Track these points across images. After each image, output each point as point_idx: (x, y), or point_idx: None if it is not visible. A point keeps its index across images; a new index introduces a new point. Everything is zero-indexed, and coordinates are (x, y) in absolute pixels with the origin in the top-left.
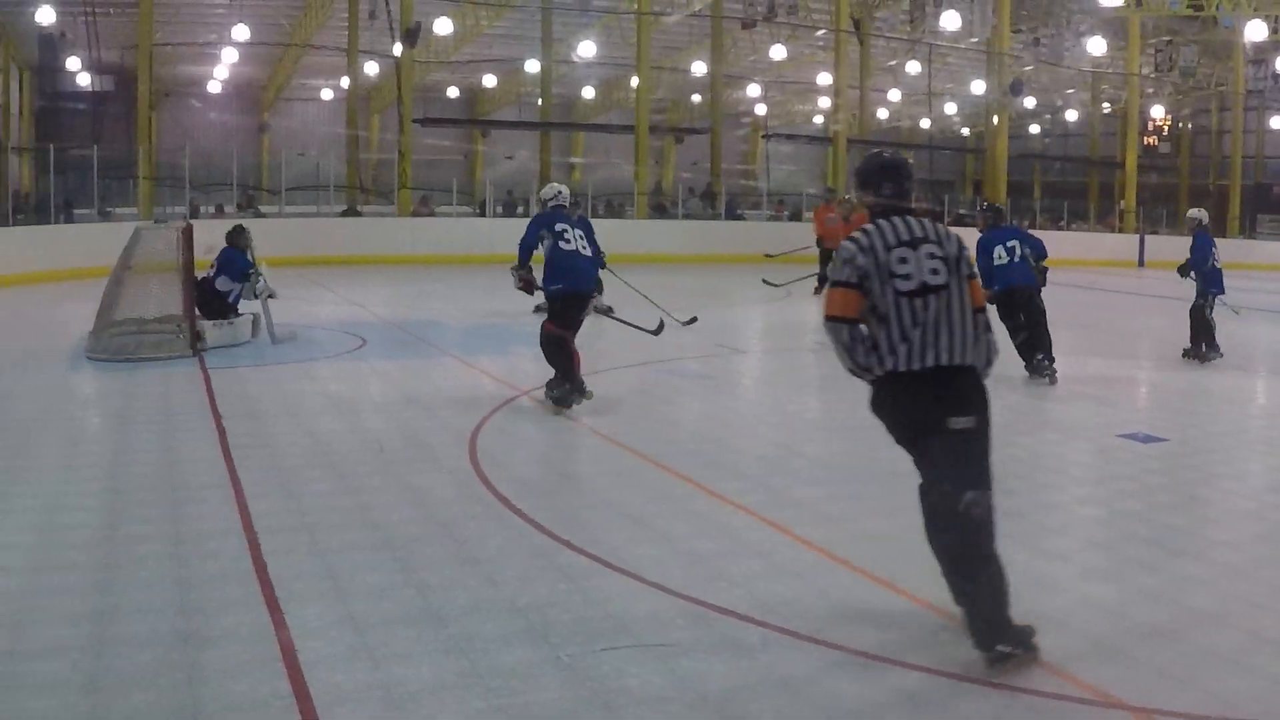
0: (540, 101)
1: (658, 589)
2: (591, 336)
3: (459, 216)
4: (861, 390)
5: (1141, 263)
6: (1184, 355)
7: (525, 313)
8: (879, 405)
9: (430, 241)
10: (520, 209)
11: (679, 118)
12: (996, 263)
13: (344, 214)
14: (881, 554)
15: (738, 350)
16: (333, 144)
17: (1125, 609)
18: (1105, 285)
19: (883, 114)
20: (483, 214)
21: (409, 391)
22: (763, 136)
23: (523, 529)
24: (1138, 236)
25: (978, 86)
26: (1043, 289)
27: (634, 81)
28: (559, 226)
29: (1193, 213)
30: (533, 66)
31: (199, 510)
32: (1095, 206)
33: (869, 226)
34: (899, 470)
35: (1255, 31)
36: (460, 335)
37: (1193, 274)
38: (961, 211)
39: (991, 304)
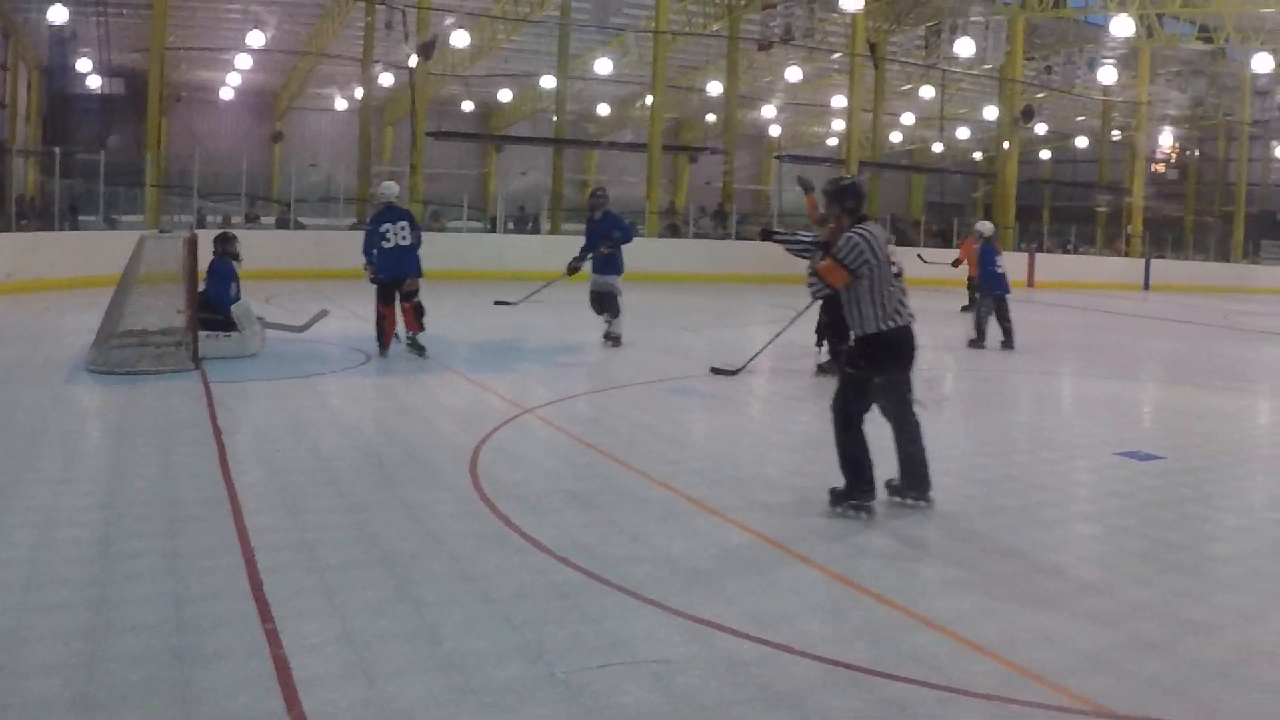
0: (555, 118)
1: (655, 606)
2: (603, 356)
3: (470, 232)
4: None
5: (1147, 286)
6: (969, 345)
7: (532, 328)
8: (877, 350)
9: (440, 257)
10: (531, 225)
11: (693, 137)
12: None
13: (353, 227)
14: (878, 571)
15: (745, 369)
16: (344, 155)
17: (1119, 622)
18: (1111, 308)
19: (895, 137)
20: (494, 229)
21: (412, 408)
22: (776, 158)
23: (521, 546)
24: (1143, 261)
25: (990, 112)
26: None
27: (649, 100)
28: (383, 227)
29: (980, 226)
30: (548, 82)
31: (196, 526)
32: (1102, 231)
33: (865, 229)
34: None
35: (1261, 64)
36: (466, 352)
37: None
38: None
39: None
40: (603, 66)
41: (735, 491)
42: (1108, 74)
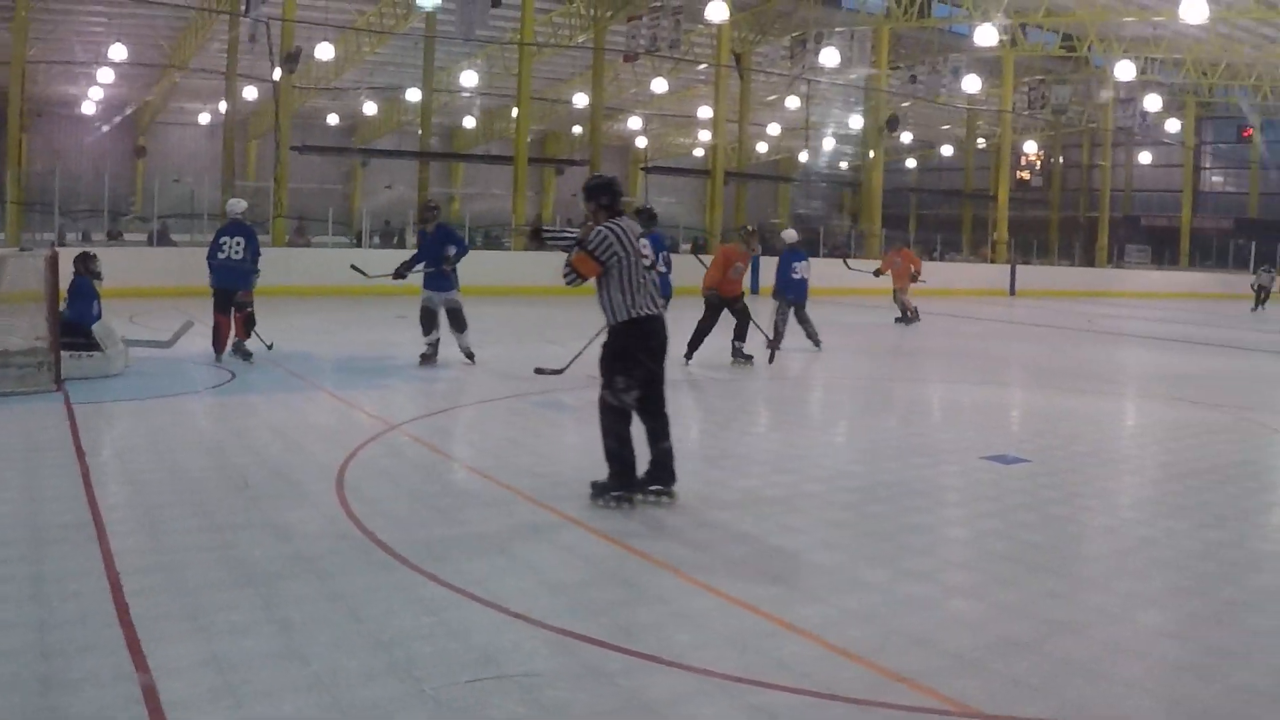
0: (420, 131)
1: (522, 620)
2: (469, 372)
3: (335, 247)
4: (735, 416)
5: (1013, 291)
6: (766, 347)
7: (399, 345)
8: (627, 337)
9: (305, 272)
10: (397, 239)
11: (560, 149)
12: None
13: None
14: (742, 577)
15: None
16: (209, 170)
17: (986, 624)
18: (978, 314)
19: (762, 147)
20: (359, 244)
21: (278, 426)
22: (642, 169)
23: (388, 563)
24: (1009, 267)
25: (856, 121)
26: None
27: (514, 112)
28: (221, 239)
29: (785, 234)
30: (414, 95)
31: (60, 550)
32: (968, 238)
33: (617, 223)
34: (764, 497)
35: (1124, 71)
36: (333, 368)
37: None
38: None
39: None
40: (468, 79)
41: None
42: (972, 83)
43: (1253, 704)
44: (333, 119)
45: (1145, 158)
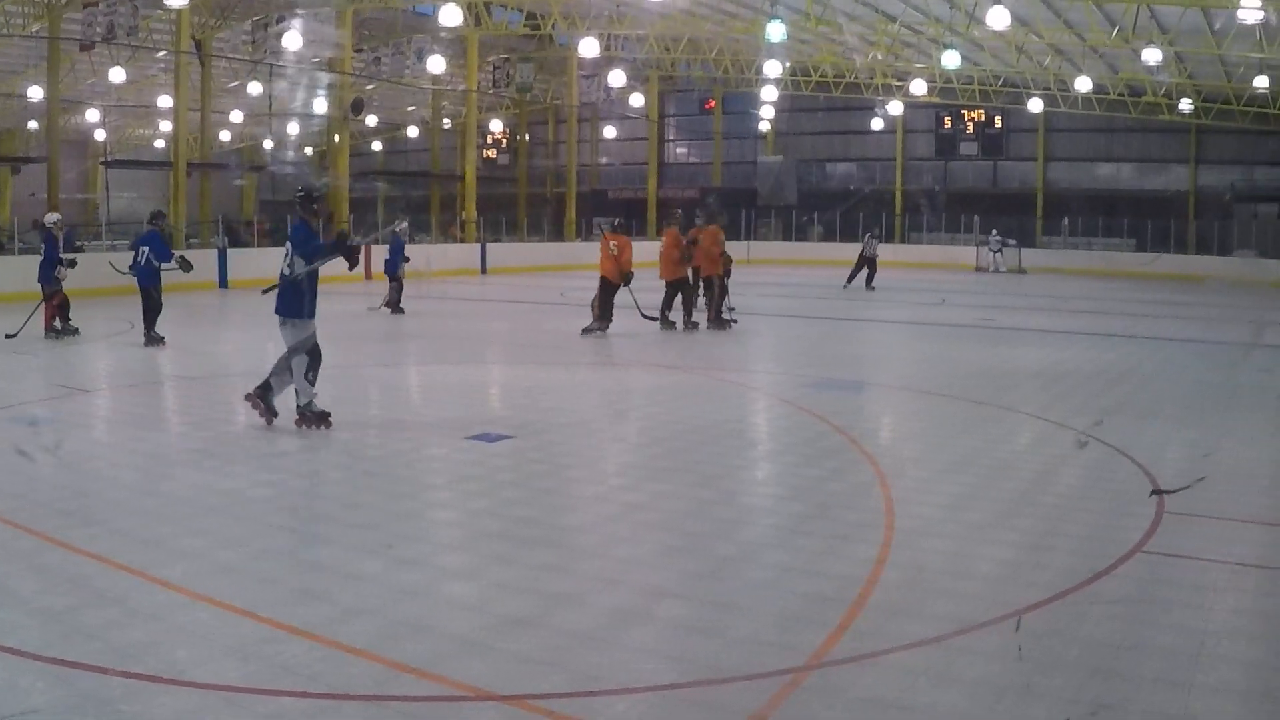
0: None
1: (11, 654)
2: None
3: None
4: (209, 418)
5: (484, 270)
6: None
7: None
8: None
9: None
10: None
11: (15, 146)
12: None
13: None
14: (237, 583)
15: (83, 390)
16: None
17: (486, 604)
18: (451, 294)
19: (225, 136)
20: None
21: None
22: (102, 163)
23: None
24: (480, 245)
25: (321, 106)
26: None
27: None
28: None
29: (47, 218)
30: None
31: None
32: (438, 219)
33: None
34: (249, 497)
35: (589, 48)
36: None
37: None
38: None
39: None
40: None
41: (83, 519)
42: (436, 63)
43: (759, 653)
44: None
45: (610, 132)
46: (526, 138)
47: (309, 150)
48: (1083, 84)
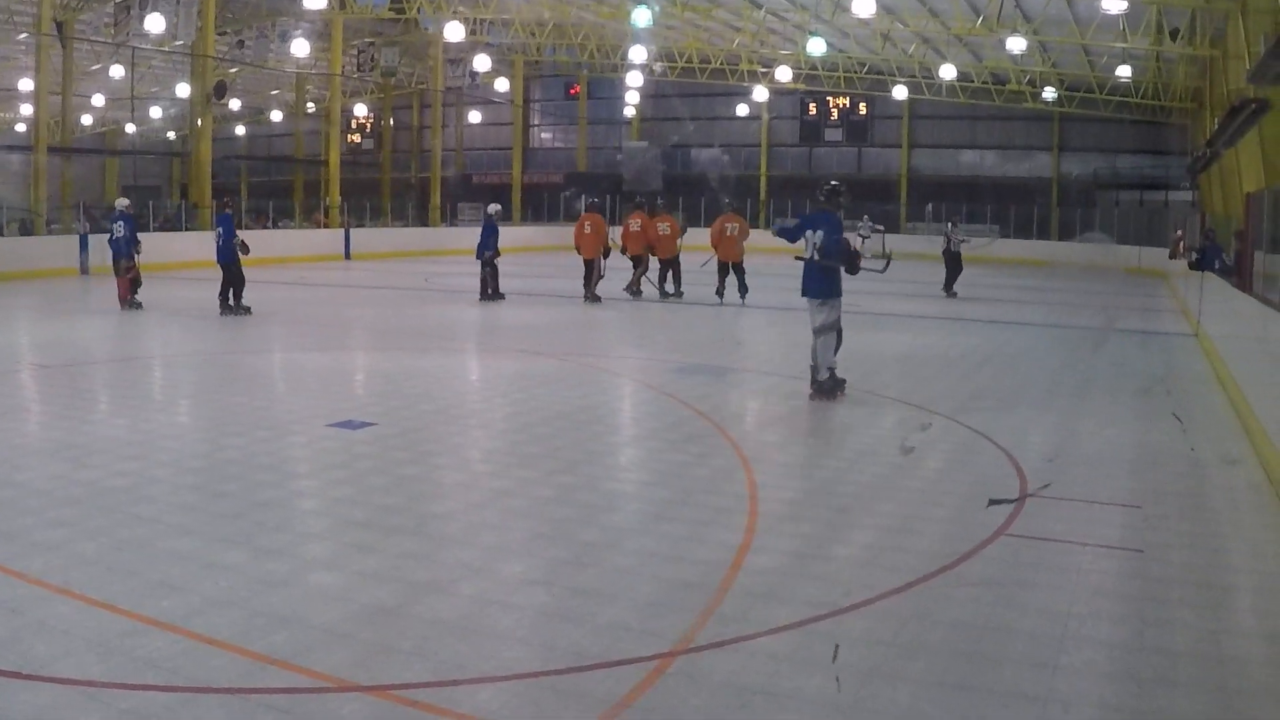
0: None
1: None
2: None
3: None
4: (71, 404)
5: (348, 255)
6: None
7: None
8: None
9: None
10: None
11: None
12: None
13: None
14: (96, 575)
15: None
16: None
17: (349, 594)
18: (315, 280)
19: (87, 120)
20: None
21: None
22: None
23: None
24: (343, 230)
25: (183, 89)
26: None
27: None
28: None
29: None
30: None
31: None
32: (301, 204)
33: None
34: (110, 488)
35: (454, 32)
36: None
37: None
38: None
39: None
40: None
41: None
42: (300, 47)
43: (622, 639)
44: None
45: (475, 117)
46: (391, 122)
47: (171, 135)
48: (947, 72)
